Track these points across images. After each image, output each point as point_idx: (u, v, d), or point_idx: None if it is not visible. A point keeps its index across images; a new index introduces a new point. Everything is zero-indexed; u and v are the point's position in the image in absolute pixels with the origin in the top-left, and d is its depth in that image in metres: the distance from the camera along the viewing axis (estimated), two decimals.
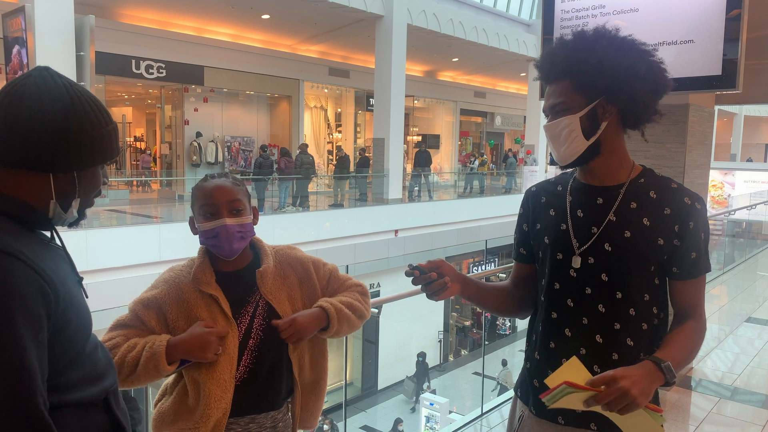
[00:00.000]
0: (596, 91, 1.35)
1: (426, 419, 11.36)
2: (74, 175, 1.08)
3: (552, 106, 1.41)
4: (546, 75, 1.43)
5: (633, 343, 1.39)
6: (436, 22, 15.92)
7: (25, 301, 0.94)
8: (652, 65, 1.37)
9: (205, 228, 1.54)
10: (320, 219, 12.51)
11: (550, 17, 3.98)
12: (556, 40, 1.47)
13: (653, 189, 1.41)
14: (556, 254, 1.45)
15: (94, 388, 1.09)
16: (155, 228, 9.74)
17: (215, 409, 1.50)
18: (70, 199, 1.10)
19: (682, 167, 3.86)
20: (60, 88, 1.06)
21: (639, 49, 1.37)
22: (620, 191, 1.41)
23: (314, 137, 18.83)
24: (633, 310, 1.39)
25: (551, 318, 1.46)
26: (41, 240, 1.09)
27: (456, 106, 24.00)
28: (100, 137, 1.09)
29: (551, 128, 1.41)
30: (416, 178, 17.41)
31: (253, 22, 14.67)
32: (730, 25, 3.39)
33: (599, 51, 1.34)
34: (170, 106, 15.98)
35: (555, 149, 1.43)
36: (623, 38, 1.38)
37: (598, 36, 1.37)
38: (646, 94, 1.36)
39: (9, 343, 0.91)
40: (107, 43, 11.81)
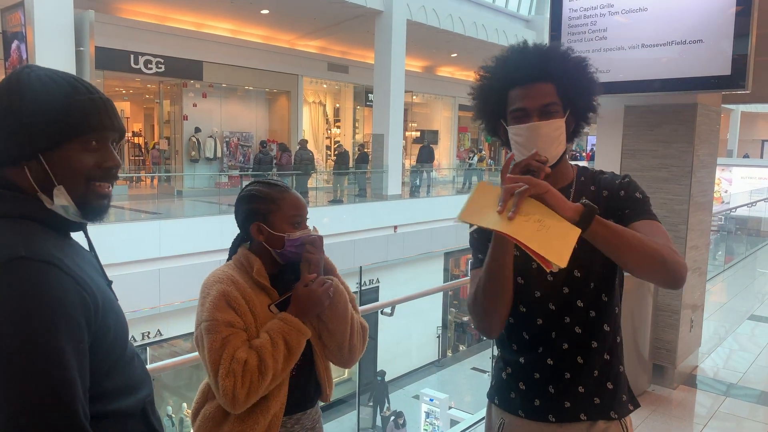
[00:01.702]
0: (568, 100, 1.43)
1: (426, 415, 11.39)
2: (41, 160, 1.00)
3: (544, 105, 1.41)
4: (520, 76, 1.44)
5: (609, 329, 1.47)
6: (436, 18, 15.89)
7: (66, 310, 0.93)
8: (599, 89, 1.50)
9: (297, 236, 1.60)
10: (319, 215, 12.49)
11: (557, 16, 3.97)
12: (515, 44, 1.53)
13: (593, 183, 1.50)
14: (531, 263, 1.42)
15: (133, 398, 1.08)
16: (155, 224, 9.71)
17: (274, 402, 1.53)
18: (51, 188, 1.02)
19: (690, 167, 3.86)
20: (18, 73, 1.02)
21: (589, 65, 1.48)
22: (571, 190, 1.50)
23: (313, 133, 18.79)
24: (605, 295, 1.46)
25: (538, 324, 1.48)
26: (72, 243, 1.08)
27: (455, 102, 23.98)
28: (53, 113, 1.00)
29: (545, 127, 1.41)
30: (416, 173, 17.40)
31: (253, 18, 14.61)
32: (739, 24, 3.38)
33: (576, 64, 1.45)
34: (169, 102, 15.91)
35: (545, 150, 1.40)
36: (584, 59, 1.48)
37: (567, 51, 1.47)
38: (594, 111, 1.49)
39: (51, 355, 0.90)
40: (106, 38, 11.74)
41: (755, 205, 12.01)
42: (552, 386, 1.46)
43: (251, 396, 1.45)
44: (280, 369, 1.49)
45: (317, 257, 1.59)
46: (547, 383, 1.47)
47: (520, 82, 1.44)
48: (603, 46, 3.79)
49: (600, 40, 3.79)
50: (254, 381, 1.45)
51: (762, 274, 9.60)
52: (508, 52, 1.50)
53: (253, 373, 1.44)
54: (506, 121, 1.48)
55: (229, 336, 1.48)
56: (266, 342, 1.48)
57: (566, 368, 1.46)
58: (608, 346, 1.48)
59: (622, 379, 1.50)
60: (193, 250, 9.61)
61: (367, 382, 14.04)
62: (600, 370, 1.46)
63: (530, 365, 1.50)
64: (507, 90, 1.46)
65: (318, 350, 1.64)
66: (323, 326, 1.62)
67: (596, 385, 1.46)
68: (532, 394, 1.49)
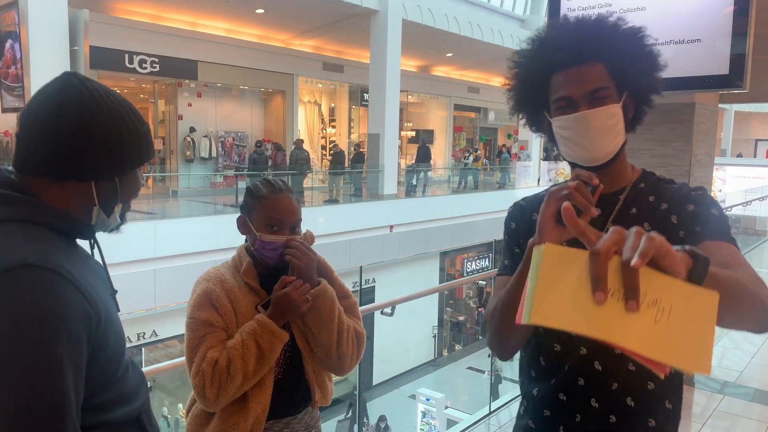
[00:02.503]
0: (624, 81, 1.18)
1: (422, 414, 11.39)
2: (116, 181, 1.08)
3: (593, 90, 1.16)
4: (567, 58, 1.17)
5: (634, 368, 1.17)
6: (431, 17, 15.88)
7: (68, 323, 0.91)
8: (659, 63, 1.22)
9: (267, 239, 1.57)
10: (315, 214, 12.47)
11: (555, 15, 3.97)
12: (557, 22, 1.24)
13: (653, 193, 1.25)
14: None
15: (127, 408, 1.07)
16: (150, 224, 9.67)
17: (256, 405, 1.51)
18: (113, 205, 1.10)
19: (688, 166, 3.87)
20: (93, 93, 1.04)
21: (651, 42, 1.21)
22: (619, 197, 1.25)
23: (308, 132, 18.77)
24: None
25: (554, 349, 1.25)
26: (79, 251, 1.07)
27: (450, 102, 23.98)
28: (137, 140, 1.08)
29: (597, 116, 1.16)
30: (412, 173, 17.40)
31: (247, 17, 14.57)
32: (737, 24, 3.39)
33: (629, 38, 1.18)
34: (164, 101, 15.85)
35: (595, 144, 1.17)
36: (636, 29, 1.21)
37: (617, 23, 1.19)
38: (657, 91, 1.22)
39: (48, 366, 0.88)
40: (100, 38, 11.69)
41: (750, 204, 12.07)
42: (579, 414, 1.23)
43: (221, 396, 1.46)
44: (251, 371, 1.47)
45: (300, 263, 1.54)
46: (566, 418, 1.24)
47: (562, 66, 1.19)
48: None
49: None
50: (223, 381, 1.46)
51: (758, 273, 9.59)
52: (546, 30, 1.24)
53: (222, 373, 1.45)
54: (549, 113, 1.23)
55: (205, 335, 1.50)
56: (237, 343, 1.48)
57: (577, 409, 1.22)
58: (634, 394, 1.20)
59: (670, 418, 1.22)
60: (188, 251, 9.58)
61: (363, 381, 14.03)
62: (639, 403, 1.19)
63: (542, 400, 1.27)
64: (548, 75, 1.21)
65: (306, 355, 1.61)
66: (308, 331, 1.59)
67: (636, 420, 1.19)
68: (540, 406, 1.28)
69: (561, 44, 1.19)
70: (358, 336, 1.65)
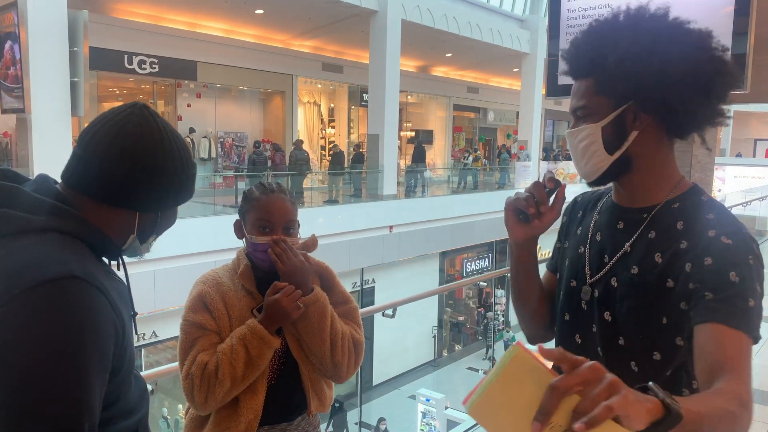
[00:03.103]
0: (621, 96, 1.09)
1: (422, 415, 11.39)
2: (158, 215, 1.12)
3: (574, 110, 1.16)
4: (571, 70, 1.17)
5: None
6: (430, 18, 15.88)
7: (101, 337, 0.93)
8: (700, 60, 1.05)
9: (258, 241, 1.56)
10: (315, 215, 12.47)
11: (556, 16, 3.96)
12: (590, 24, 1.15)
13: (684, 218, 1.11)
14: (570, 280, 1.25)
15: (127, 422, 1.07)
16: None
17: (247, 410, 1.50)
18: (149, 236, 1.15)
19: (689, 167, 3.86)
20: (160, 128, 1.07)
21: (681, 41, 1.06)
22: (645, 216, 1.15)
23: (308, 133, 18.76)
24: (635, 364, 1.12)
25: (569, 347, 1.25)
26: (107, 269, 1.09)
27: (449, 102, 23.98)
28: (186, 180, 1.12)
29: (571, 137, 1.17)
30: (411, 173, 17.40)
31: (247, 17, 14.56)
32: (738, 24, 3.38)
33: (622, 46, 1.06)
34: (163, 102, 15.85)
35: (575, 162, 1.19)
36: (664, 25, 1.08)
37: (627, 25, 1.10)
38: (689, 100, 1.05)
39: (80, 378, 0.89)
40: (100, 38, 11.68)
41: (749, 204, 12.07)
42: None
43: (209, 400, 1.47)
44: (239, 376, 1.46)
45: (283, 266, 1.52)
46: None
47: (572, 77, 1.18)
48: None
49: None
50: (211, 385, 1.46)
51: None
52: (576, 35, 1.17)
53: (211, 377, 1.46)
54: None
55: (197, 338, 1.51)
56: (227, 347, 1.48)
57: None
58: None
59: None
60: (187, 251, 9.56)
61: (363, 382, 14.04)
62: None
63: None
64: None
65: (301, 362, 1.59)
66: (301, 338, 1.57)
67: None
68: None
69: (567, 55, 1.17)
70: (356, 344, 1.62)
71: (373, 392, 14.42)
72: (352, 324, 1.66)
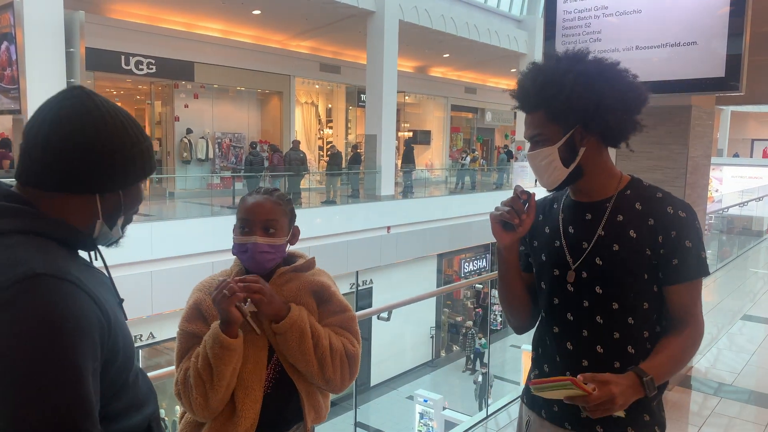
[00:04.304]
0: (570, 122, 1.40)
1: (420, 416, 11.38)
2: (120, 194, 1.09)
3: (531, 137, 1.46)
4: (521, 105, 1.48)
5: (634, 351, 1.43)
6: (428, 18, 15.88)
7: (84, 329, 0.92)
8: (623, 89, 1.40)
9: (237, 241, 1.58)
10: (312, 216, 12.46)
11: (552, 17, 3.97)
12: (528, 67, 1.50)
13: (639, 200, 1.44)
14: (553, 270, 1.50)
15: (139, 416, 1.08)
16: (147, 226, 9.65)
17: (244, 419, 1.49)
18: (116, 218, 1.11)
19: (685, 168, 3.87)
20: (99, 107, 1.05)
21: (608, 76, 1.40)
22: (607, 205, 1.46)
23: (305, 133, 18.75)
24: (631, 318, 1.42)
25: (553, 332, 1.52)
26: (82, 261, 1.08)
27: (447, 102, 23.99)
28: (140, 154, 1.09)
29: (532, 158, 1.47)
30: (408, 174, 17.38)
31: (244, 18, 14.55)
32: (733, 25, 3.39)
33: (567, 85, 1.37)
34: (160, 103, 15.82)
35: (538, 177, 1.49)
36: (592, 66, 1.40)
37: (567, 66, 1.40)
38: (620, 119, 1.40)
39: (71, 374, 0.89)
40: (96, 39, 11.66)
41: (746, 204, 12.09)
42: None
43: (194, 406, 1.47)
44: (207, 380, 1.45)
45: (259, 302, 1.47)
46: None
47: (522, 111, 1.48)
48: (597, 48, 3.78)
49: (594, 41, 3.78)
50: (189, 390, 1.48)
51: (754, 273, 9.65)
52: (521, 75, 1.49)
53: (187, 383, 1.48)
54: None
55: (191, 347, 1.52)
56: (195, 354, 1.50)
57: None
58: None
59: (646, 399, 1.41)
60: (185, 252, 9.56)
61: (361, 383, 14.02)
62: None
63: (550, 374, 1.53)
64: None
65: (294, 376, 1.56)
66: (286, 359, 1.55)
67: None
68: (552, 399, 1.49)
69: (517, 95, 1.48)
70: (350, 357, 1.58)
71: (371, 393, 14.40)
72: (348, 335, 1.62)
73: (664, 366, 1.35)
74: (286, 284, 1.61)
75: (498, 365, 15.59)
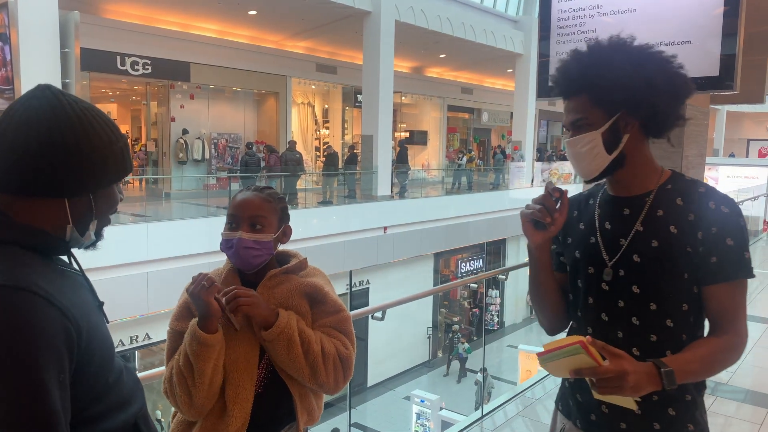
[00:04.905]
0: (615, 105, 1.33)
1: (416, 416, 11.38)
2: (90, 197, 1.04)
3: (573, 122, 1.39)
4: (563, 90, 1.41)
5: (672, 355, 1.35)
6: (424, 19, 15.89)
7: (48, 341, 0.90)
8: (672, 74, 1.34)
9: (223, 237, 1.56)
10: (309, 216, 12.45)
11: (546, 17, 3.96)
12: (570, 52, 1.42)
13: (680, 195, 1.37)
14: (588, 268, 1.44)
15: (123, 415, 1.06)
16: (143, 227, 9.63)
17: (235, 418, 1.47)
18: (88, 222, 1.06)
19: (679, 167, 3.86)
20: (66, 107, 1.00)
21: (657, 59, 1.34)
22: (646, 200, 1.39)
23: (302, 134, 18.73)
24: (670, 321, 1.35)
25: (587, 333, 1.44)
26: (58, 268, 1.05)
27: (443, 102, 24.00)
28: (112, 155, 1.04)
29: (573, 144, 1.40)
30: (405, 174, 17.38)
31: (240, 18, 14.53)
32: (727, 24, 3.39)
33: (615, 66, 1.31)
34: (156, 103, 15.79)
35: (577, 165, 1.41)
36: (640, 49, 1.35)
37: (614, 49, 1.35)
38: (667, 104, 1.33)
39: (32, 387, 0.87)
40: (92, 39, 11.63)
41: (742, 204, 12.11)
42: (605, 405, 1.40)
43: (180, 405, 1.48)
44: (188, 377, 1.45)
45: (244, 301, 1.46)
46: (600, 401, 1.37)
47: (563, 97, 1.43)
48: None
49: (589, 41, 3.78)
50: (173, 388, 1.48)
51: None
52: (562, 60, 1.44)
53: (171, 380, 1.49)
54: None
55: (180, 346, 1.51)
56: (178, 351, 1.50)
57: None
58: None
59: (689, 407, 1.37)
60: (181, 253, 9.54)
61: (358, 383, 14.03)
62: (661, 395, 1.32)
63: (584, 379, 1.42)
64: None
65: (287, 379, 1.54)
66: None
67: (656, 409, 1.35)
68: (589, 407, 1.44)
69: (558, 79, 1.42)
70: (343, 360, 1.55)
71: (368, 393, 14.40)
72: (341, 336, 1.60)
73: (689, 364, 1.25)
74: (278, 287, 1.59)
75: (495, 365, 15.61)
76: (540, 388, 4.35)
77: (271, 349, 1.49)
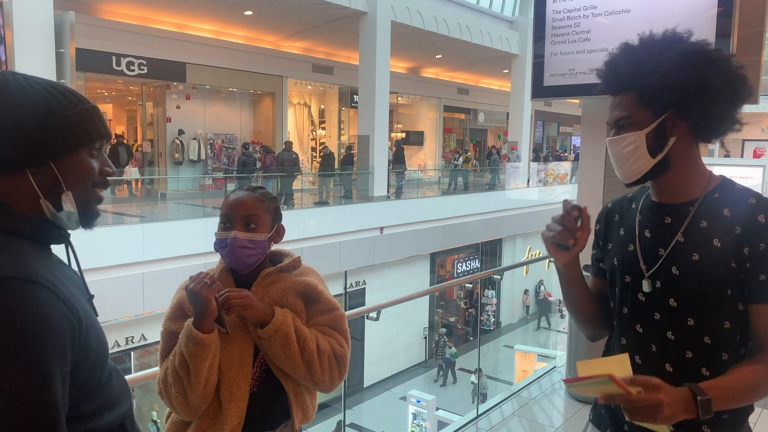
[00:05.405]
0: (664, 105, 1.25)
1: (413, 416, 11.39)
2: (51, 166, 1.00)
3: (616, 120, 1.32)
4: (610, 87, 1.34)
5: (709, 374, 1.26)
6: (420, 19, 15.90)
7: (53, 333, 0.90)
8: (730, 74, 1.24)
9: (217, 237, 1.57)
10: (305, 217, 12.45)
11: (541, 17, 3.98)
12: (620, 45, 1.33)
13: (728, 205, 1.28)
14: (624, 277, 1.38)
15: (111, 415, 1.05)
16: (138, 227, 9.61)
17: (230, 417, 1.48)
18: (59, 194, 1.01)
19: None
20: (10, 82, 0.99)
21: (714, 58, 1.24)
22: (690, 209, 1.30)
23: (298, 134, 18.73)
24: (708, 338, 1.27)
25: (621, 343, 1.40)
26: (53, 258, 1.04)
27: (440, 103, 24.03)
28: (65, 121, 1.00)
29: (615, 144, 1.32)
30: (401, 175, 17.39)
31: (236, 19, 14.52)
32: (721, 26, 3.40)
33: (666, 63, 1.23)
34: (152, 104, 15.77)
35: (618, 166, 1.34)
36: (694, 46, 1.26)
37: (666, 45, 1.26)
38: (721, 107, 1.24)
39: (39, 379, 0.87)
40: (87, 40, 11.60)
41: None
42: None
43: (175, 405, 1.48)
44: (184, 376, 1.45)
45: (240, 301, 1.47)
46: None
47: (609, 93, 1.35)
48: (587, 48, 3.80)
49: (584, 41, 3.80)
50: (168, 388, 1.48)
51: None
52: (610, 54, 1.34)
53: (166, 381, 1.49)
54: None
55: (174, 346, 1.51)
56: (173, 352, 1.50)
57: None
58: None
59: (726, 427, 1.28)
60: (177, 254, 9.52)
61: (354, 384, 14.03)
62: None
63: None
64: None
65: (282, 377, 1.55)
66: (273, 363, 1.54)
67: (689, 428, 1.25)
68: (621, 418, 1.33)
69: (603, 74, 1.34)
70: (338, 358, 1.56)
71: (364, 394, 14.40)
72: (336, 334, 1.60)
73: (729, 390, 1.17)
74: (272, 285, 1.59)
75: (491, 365, 15.62)
76: (536, 388, 4.36)
77: (267, 347, 1.50)
